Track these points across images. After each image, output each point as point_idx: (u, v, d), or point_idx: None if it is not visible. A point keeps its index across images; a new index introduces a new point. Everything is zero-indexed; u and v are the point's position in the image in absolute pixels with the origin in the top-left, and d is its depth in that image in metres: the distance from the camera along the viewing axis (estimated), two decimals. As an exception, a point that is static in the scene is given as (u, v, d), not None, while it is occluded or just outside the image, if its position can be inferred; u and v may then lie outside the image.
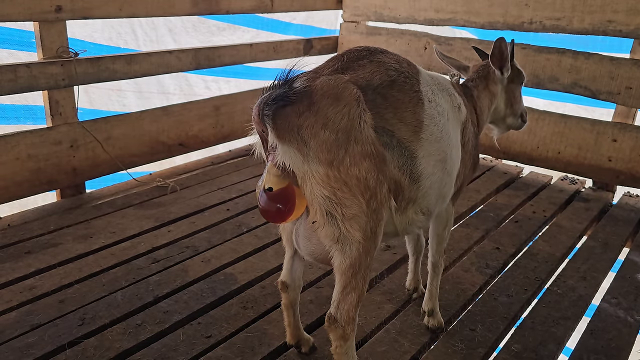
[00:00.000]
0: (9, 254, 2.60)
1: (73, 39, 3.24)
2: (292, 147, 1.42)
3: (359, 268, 1.51)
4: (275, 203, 1.48)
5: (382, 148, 1.51)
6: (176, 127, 3.75)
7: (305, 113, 1.42)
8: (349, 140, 1.44)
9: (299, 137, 1.42)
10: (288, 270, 1.87)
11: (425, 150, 1.65)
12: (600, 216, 3.38)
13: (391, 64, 1.67)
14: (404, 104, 1.63)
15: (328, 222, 1.47)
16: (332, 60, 1.67)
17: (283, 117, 1.41)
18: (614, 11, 3.41)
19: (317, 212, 1.48)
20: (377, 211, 1.50)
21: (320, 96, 1.45)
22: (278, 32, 4.99)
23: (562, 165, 3.82)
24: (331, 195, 1.44)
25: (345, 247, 1.50)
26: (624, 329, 2.26)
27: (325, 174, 1.43)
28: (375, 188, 1.47)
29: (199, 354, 1.99)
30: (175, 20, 4.46)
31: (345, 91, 1.47)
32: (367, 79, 1.58)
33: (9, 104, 3.63)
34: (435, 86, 1.81)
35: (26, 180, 3.04)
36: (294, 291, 1.88)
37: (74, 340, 2.02)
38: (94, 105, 4.05)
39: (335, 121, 1.43)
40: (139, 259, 2.61)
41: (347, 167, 1.43)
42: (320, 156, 1.42)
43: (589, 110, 4.02)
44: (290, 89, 1.42)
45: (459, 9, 4.07)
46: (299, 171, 1.45)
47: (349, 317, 1.55)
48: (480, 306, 2.36)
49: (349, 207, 1.45)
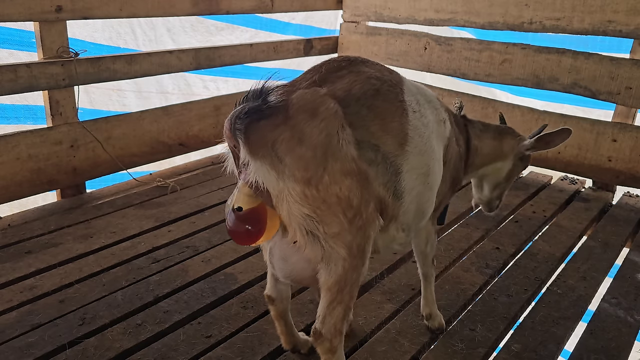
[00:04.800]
0: (9, 254, 2.60)
1: (73, 39, 3.24)
2: (266, 163, 1.33)
3: (345, 284, 1.45)
4: (244, 224, 1.39)
5: (365, 166, 1.43)
6: (176, 127, 3.75)
7: (280, 127, 1.33)
8: (326, 157, 1.35)
9: (273, 152, 1.33)
10: (272, 284, 1.79)
11: (409, 164, 1.58)
12: (600, 216, 3.38)
13: (372, 72, 1.59)
14: (390, 114, 1.55)
15: (310, 242, 1.40)
16: (310, 72, 1.59)
17: (256, 132, 1.32)
18: (614, 11, 3.41)
19: (297, 232, 1.40)
20: (363, 228, 1.43)
21: (296, 110, 1.36)
22: (277, 32, 4.99)
23: (562, 165, 3.82)
24: (311, 213, 1.36)
25: (331, 264, 1.43)
26: (624, 328, 2.26)
27: (302, 192, 1.34)
28: (359, 206, 1.40)
29: (199, 354, 1.99)
30: (174, 20, 4.46)
31: (322, 105, 1.39)
32: (345, 90, 1.50)
33: (9, 104, 3.62)
34: (421, 96, 1.73)
35: (26, 180, 3.03)
36: (281, 303, 1.81)
37: (74, 340, 2.02)
38: (94, 105, 4.05)
39: (312, 137, 1.34)
40: (139, 259, 2.61)
41: (327, 185, 1.35)
42: (296, 174, 1.33)
43: (586, 111, 4.02)
44: (264, 102, 1.34)
45: (459, 9, 4.07)
46: (273, 189, 1.36)
47: (336, 329, 1.50)
48: (480, 306, 2.36)
49: (330, 225, 1.38)
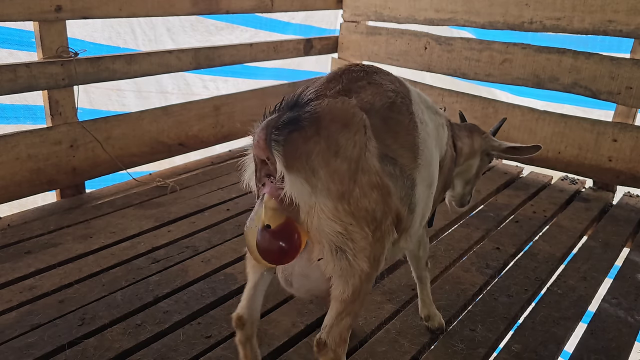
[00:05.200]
0: (9, 254, 2.60)
1: (73, 38, 3.24)
2: (301, 177, 1.26)
3: (360, 295, 1.42)
4: (278, 241, 1.31)
5: (387, 179, 1.41)
6: (176, 127, 3.75)
7: (315, 138, 1.27)
8: (357, 169, 1.32)
9: (308, 165, 1.26)
10: (248, 301, 1.64)
11: (420, 176, 1.56)
12: (601, 216, 3.38)
13: (387, 85, 1.59)
14: (403, 128, 1.54)
15: (337, 258, 1.34)
16: (331, 80, 1.56)
17: (291, 143, 1.25)
18: (614, 11, 3.41)
19: (325, 248, 1.34)
20: (380, 241, 1.42)
21: (329, 121, 1.31)
22: (277, 31, 4.98)
23: (563, 165, 3.81)
24: (343, 230, 1.31)
25: (351, 278, 1.39)
26: (624, 329, 2.26)
27: (334, 208, 1.29)
28: (381, 220, 1.38)
29: (199, 354, 1.99)
30: (174, 20, 4.45)
31: (355, 117, 1.36)
32: (370, 103, 1.48)
33: (9, 104, 3.62)
34: (422, 104, 1.73)
35: (26, 180, 3.03)
36: (251, 326, 1.66)
37: (74, 340, 2.02)
38: (94, 105, 4.04)
39: (347, 149, 1.30)
40: (139, 259, 2.61)
41: (357, 199, 1.32)
42: (330, 187, 1.28)
43: (586, 111, 4.01)
44: (303, 111, 1.27)
45: (459, 8, 4.07)
46: (305, 204, 1.29)
47: (341, 339, 1.46)
48: (480, 306, 2.36)
49: (358, 242, 1.34)
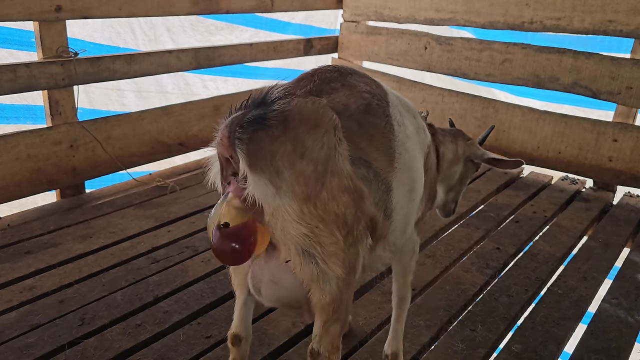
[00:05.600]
0: (8, 254, 2.60)
1: (73, 38, 3.24)
2: (265, 177, 1.23)
3: (341, 302, 1.39)
4: (231, 242, 1.26)
5: (360, 182, 1.37)
6: (176, 127, 3.75)
7: (281, 138, 1.23)
8: (326, 172, 1.27)
9: (272, 166, 1.22)
10: (240, 319, 1.61)
11: (397, 181, 1.52)
12: (601, 216, 3.38)
13: (363, 86, 1.55)
14: (378, 130, 1.50)
15: (305, 261, 1.31)
16: (303, 80, 1.53)
17: (257, 143, 1.22)
18: (614, 11, 3.41)
19: (291, 251, 1.30)
20: (353, 246, 1.37)
21: (298, 121, 1.26)
22: (277, 31, 4.98)
23: (563, 165, 3.81)
24: (309, 232, 1.27)
25: (325, 284, 1.35)
26: (625, 329, 2.26)
27: (299, 210, 1.25)
28: (352, 224, 1.34)
29: (199, 354, 1.99)
30: (174, 20, 4.45)
31: (324, 117, 1.31)
32: (344, 104, 1.45)
33: (9, 104, 3.62)
34: (401, 106, 1.69)
35: (26, 180, 3.03)
36: (246, 343, 1.64)
37: (74, 340, 2.02)
38: (94, 105, 4.04)
39: (314, 150, 1.25)
40: (139, 259, 2.61)
41: (325, 202, 1.27)
42: (295, 189, 1.24)
43: (585, 112, 4.02)
44: (269, 110, 1.23)
45: (459, 8, 4.07)
46: (268, 206, 1.25)
47: (334, 347, 1.44)
48: (480, 306, 2.36)
49: (327, 245, 1.30)
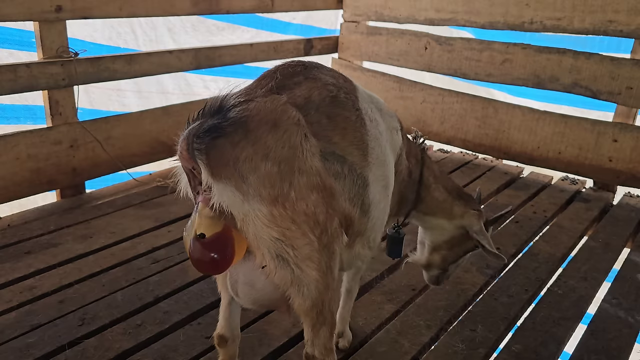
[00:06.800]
0: (8, 254, 2.60)
1: (73, 38, 3.23)
2: (230, 184, 1.21)
3: (323, 305, 1.37)
4: (210, 252, 1.25)
5: (330, 179, 1.35)
6: (176, 127, 3.67)
7: (242, 143, 1.22)
8: (292, 171, 1.25)
9: (236, 172, 1.21)
10: (226, 319, 1.63)
11: (373, 175, 1.51)
12: (601, 216, 3.37)
13: (328, 79, 1.52)
14: (349, 123, 1.48)
15: (280, 266, 1.29)
16: (265, 78, 1.50)
17: (216, 150, 1.20)
18: (614, 11, 3.41)
19: (265, 256, 1.28)
20: (329, 246, 1.35)
21: (257, 123, 1.25)
22: (278, 31, 4.98)
23: (563, 165, 3.81)
24: (280, 236, 1.26)
25: (303, 288, 1.33)
26: (625, 329, 2.26)
27: (269, 213, 1.23)
28: (325, 223, 1.31)
29: (199, 354, 1.98)
30: (175, 20, 4.45)
31: (283, 115, 1.30)
32: (306, 97, 1.42)
33: (9, 104, 3.62)
34: (373, 104, 1.66)
35: (26, 180, 3.03)
36: (233, 343, 1.66)
37: (74, 341, 2.02)
38: (94, 105, 4.04)
39: (276, 150, 1.24)
40: (139, 259, 2.61)
41: (293, 202, 1.25)
42: (262, 192, 1.22)
43: (585, 113, 4.01)
44: (224, 119, 1.21)
45: (459, 8, 4.07)
46: (238, 213, 1.24)
47: (327, 349, 1.44)
48: (480, 306, 2.36)
49: (299, 247, 1.28)
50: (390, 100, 4.48)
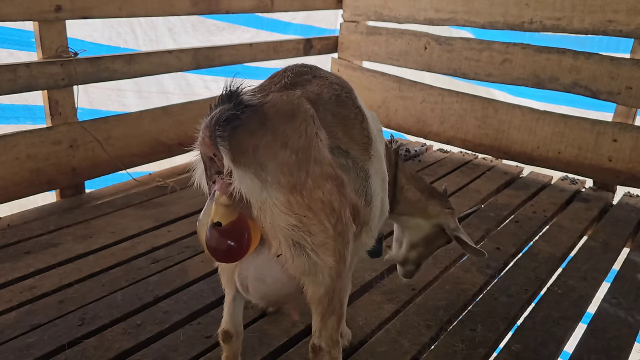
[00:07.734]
0: (8, 254, 2.60)
1: (73, 38, 3.23)
2: (249, 171, 1.25)
3: (334, 293, 1.41)
4: (227, 240, 1.27)
5: (339, 171, 1.40)
6: (176, 127, 3.74)
7: (260, 131, 1.27)
8: (308, 160, 1.30)
9: (255, 160, 1.25)
10: (230, 315, 1.64)
11: (373, 169, 1.58)
12: (601, 216, 3.38)
13: (333, 78, 1.61)
14: (351, 121, 1.56)
15: (297, 254, 1.32)
16: (276, 76, 1.58)
17: (237, 138, 1.24)
18: (614, 11, 3.41)
19: (282, 244, 1.31)
20: (343, 234, 1.38)
21: (275, 113, 1.32)
22: (277, 31, 4.98)
23: (563, 165, 3.81)
24: (298, 223, 1.29)
25: (318, 275, 1.37)
26: (625, 329, 2.26)
27: (287, 201, 1.27)
28: (340, 211, 1.36)
29: (199, 354, 1.98)
30: (175, 20, 4.45)
31: (300, 107, 1.37)
32: (317, 94, 1.50)
33: (9, 104, 3.62)
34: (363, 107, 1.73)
35: (25, 180, 3.03)
36: (237, 339, 1.67)
37: (74, 341, 2.02)
38: (94, 105, 4.04)
39: (293, 139, 1.29)
40: (139, 259, 2.60)
41: (310, 190, 1.29)
42: (281, 180, 1.26)
43: (584, 113, 4.01)
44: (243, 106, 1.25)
45: (459, 8, 4.07)
46: (256, 200, 1.27)
47: (333, 340, 1.46)
48: (480, 306, 2.36)
49: (317, 235, 1.32)
50: (390, 100, 4.48)
